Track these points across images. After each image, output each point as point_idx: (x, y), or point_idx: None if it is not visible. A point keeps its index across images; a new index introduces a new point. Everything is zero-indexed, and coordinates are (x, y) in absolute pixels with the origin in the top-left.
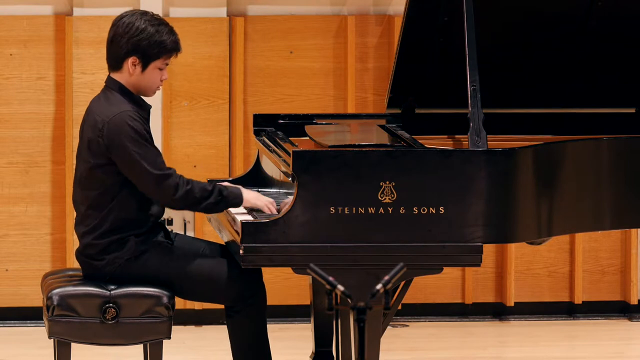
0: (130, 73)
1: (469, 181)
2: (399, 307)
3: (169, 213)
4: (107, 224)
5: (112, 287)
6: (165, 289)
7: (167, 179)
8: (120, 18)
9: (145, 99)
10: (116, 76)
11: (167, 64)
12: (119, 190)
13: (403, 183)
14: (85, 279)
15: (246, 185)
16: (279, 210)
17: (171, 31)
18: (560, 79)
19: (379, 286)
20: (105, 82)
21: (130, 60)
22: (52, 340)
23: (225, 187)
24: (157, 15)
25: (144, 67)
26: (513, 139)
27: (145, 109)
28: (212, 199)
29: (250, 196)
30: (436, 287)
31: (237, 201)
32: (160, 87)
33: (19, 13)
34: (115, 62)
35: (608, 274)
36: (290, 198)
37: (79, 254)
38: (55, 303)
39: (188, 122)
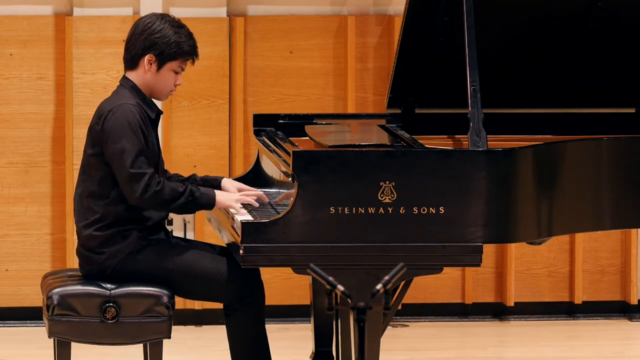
0: (145, 71)
1: (469, 181)
2: (399, 307)
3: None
4: (109, 217)
5: (112, 286)
6: (166, 288)
7: (138, 178)
8: (140, 19)
9: (157, 103)
10: (131, 75)
11: (182, 69)
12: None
13: (403, 183)
14: (85, 278)
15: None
16: (270, 203)
17: (190, 35)
18: (560, 78)
19: (379, 286)
20: (119, 81)
21: (147, 58)
22: (52, 340)
23: (199, 188)
24: (178, 19)
25: (160, 66)
26: (513, 139)
27: (154, 110)
28: (183, 199)
29: (223, 198)
30: (436, 287)
31: (210, 203)
32: (173, 92)
33: (19, 13)
34: (131, 60)
35: (608, 274)
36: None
37: (79, 248)
38: (55, 302)
39: (188, 122)
